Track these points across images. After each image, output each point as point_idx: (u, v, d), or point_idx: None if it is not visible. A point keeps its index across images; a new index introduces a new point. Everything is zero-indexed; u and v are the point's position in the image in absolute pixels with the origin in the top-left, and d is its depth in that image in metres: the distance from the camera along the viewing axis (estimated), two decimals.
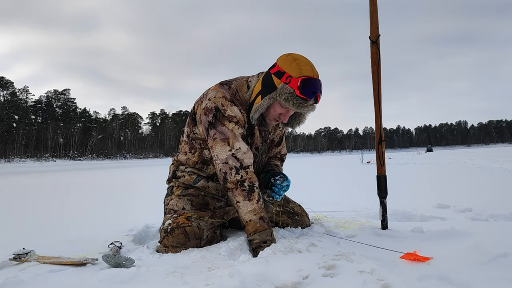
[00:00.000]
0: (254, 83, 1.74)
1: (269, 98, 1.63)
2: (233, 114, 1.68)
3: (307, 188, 5.10)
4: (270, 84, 1.63)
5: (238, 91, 1.74)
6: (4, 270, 1.40)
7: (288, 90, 1.57)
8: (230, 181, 1.67)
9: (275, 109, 1.67)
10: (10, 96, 74.83)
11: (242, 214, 1.68)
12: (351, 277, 1.17)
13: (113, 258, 1.35)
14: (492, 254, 1.37)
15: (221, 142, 1.67)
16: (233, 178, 1.66)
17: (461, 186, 4.72)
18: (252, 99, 1.72)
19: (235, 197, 1.67)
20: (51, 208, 3.83)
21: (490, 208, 2.75)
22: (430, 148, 53.29)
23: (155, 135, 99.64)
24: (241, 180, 1.66)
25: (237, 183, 1.66)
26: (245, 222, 1.68)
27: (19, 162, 54.37)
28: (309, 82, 1.56)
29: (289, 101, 1.58)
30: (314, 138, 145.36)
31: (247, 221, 1.67)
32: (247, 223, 1.67)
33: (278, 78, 1.61)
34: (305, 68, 1.58)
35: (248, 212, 1.66)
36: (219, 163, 1.68)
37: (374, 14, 2.01)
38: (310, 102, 1.60)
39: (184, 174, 1.86)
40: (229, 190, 1.69)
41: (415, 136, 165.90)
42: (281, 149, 2.07)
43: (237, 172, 1.66)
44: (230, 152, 1.66)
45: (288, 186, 1.84)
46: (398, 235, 1.84)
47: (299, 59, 1.61)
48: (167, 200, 1.86)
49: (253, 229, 1.66)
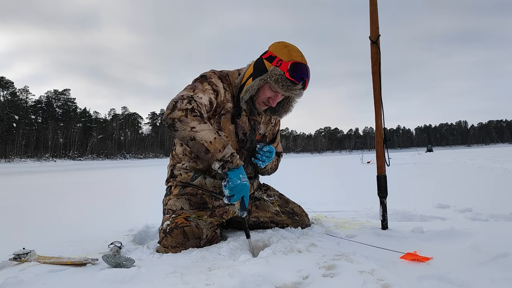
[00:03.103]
0: (245, 69, 1.83)
1: (260, 79, 1.70)
2: (216, 84, 1.75)
3: (307, 188, 5.10)
4: (261, 67, 1.71)
5: (229, 75, 1.85)
6: (4, 270, 1.40)
7: (279, 72, 1.65)
8: (179, 108, 1.54)
9: (265, 92, 1.74)
10: (10, 96, 74.88)
11: (202, 136, 1.52)
12: (351, 277, 1.17)
13: (113, 258, 1.35)
14: (492, 254, 1.37)
15: (188, 88, 1.69)
16: (183, 105, 1.55)
17: (461, 186, 4.72)
18: (243, 81, 1.78)
19: (188, 124, 1.52)
20: (51, 208, 3.83)
21: (490, 208, 2.74)
22: (430, 148, 53.16)
23: (155, 135, 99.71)
24: (191, 108, 1.56)
25: (187, 110, 1.55)
26: (209, 143, 1.52)
27: (19, 162, 54.37)
28: (298, 66, 1.65)
29: (278, 82, 1.65)
30: (314, 138, 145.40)
31: (211, 140, 1.52)
32: (212, 142, 1.52)
33: (270, 62, 1.69)
34: (295, 54, 1.67)
35: (209, 131, 1.54)
36: (175, 98, 1.60)
37: (374, 14, 2.01)
38: (299, 86, 1.68)
39: (181, 173, 1.86)
40: (176, 121, 1.53)
41: (415, 136, 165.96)
42: (276, 146, 2.08)
43: (189, 102, 1.57)
44: (191, 95, 1.62)
45: (271, 153, 1.88)
46: (398, 235, 1.84)
47: (289, 46, 1.71)
48: (166, 200, 1.86)
49: (221, 144, 1.53)
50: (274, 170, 2.09)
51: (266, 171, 2.05)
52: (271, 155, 1.89)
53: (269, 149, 1.88)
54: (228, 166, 1.53)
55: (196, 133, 1.52)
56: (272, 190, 2.12)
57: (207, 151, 1.53)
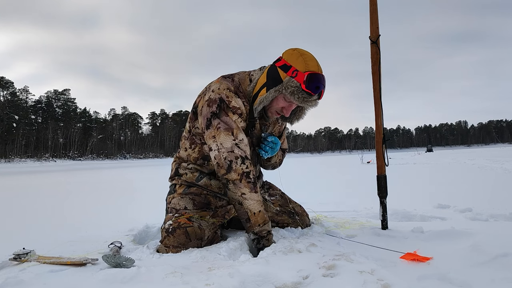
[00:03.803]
0: (257, 76, 1.76)
1: (275, 90, 1.64)
2: (237, 105, 1.69)
3: (307, 188, 5.10)
4: (276, 77, 1.64)
5: (241, 83, 1.76)
6: (4, 270, 1.40)
7: (295, 83, 1.59)
8: (235, 170, 1.61)
9: (278, 103, 1.69)
10: (10, 96, 74.86)
11: (249, 205, 1.62)
12: (351, 277, 1.17)
13: (113, 258, 1.35)
14: (492, 254, 1.37)
15: (225, 131, 1.65)
16: (239, 167, 1.62)
17: (461, 186, 4.72)
18: (255, 91, 1.72)
19: (240, 189, 1.61)
20: (51, 208, 3.83)
21: (490, 208, 2.74)
22: (430, 148, 53.18)
23: (155, 135, 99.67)
24: (247, 172, 1.63)
25: (242, 174, 1.62)
26: (252, 214, 1.62)
27: (19, 162, 54.37)
28: (315, 77, 1.58)
29: (294, 94, 1.60)
30: (314, 138, 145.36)
31: (256, 212, 1.62)
32: (256, 214, 1.62)
33: (284, 71, 1.62)
34: (311, 63, 1.61)
35: (257, 202, 1.63)
36: (223, 151, 1.63)
37: (374, 14, 2.01)
38: (314, 97, 1.63)
39: (187, 172, 1.85)
40: (230, 182, 1.62)
41: (415, 136, 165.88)
42: (282, 142, 2.06)
43: (243, 162, 1.63)
44: (234, 142, 1.64)
45: (276, 144, 1.85)
46: (398, 235, 1.84)
47: (305, 54, 1.64)
48: (169, 199, 1.85)
49: (263, 220, 1.63)
50: (278, 165, 2.05)
51: (269, 165, 2.01)
52: (275, 146, 1.85)
53: (273, 139, 1.84)
54: (263, 242, 1.62)
55: (245, 200, 1.62)
56: (274, 188, 2.12)
57: (248, 220, 1.63)
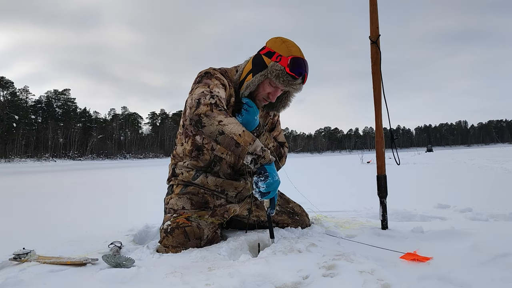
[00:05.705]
0: (243, 65, 1.83)
1: (260, 75, 1.71)
2: (221, 78, 1.76)
3: (307, 188, 5.09)
4: (260, 63, 1.72)
5: (227, 72, 1.85)
6: (4, 270, 1.40)
7: (279, 67, 1.66)
8: (204, 103, 1.52)
9: (265, 88, 1.75)
10: (10, 96, 74.88)
11: (231, 129, 1.48)
12: (351, 277, 1.17)
13: (113, 258, 1.35)
14: (492, 254, 1.37)
15: (202, 86, 1.65)
16: (207, 100, 1.53)
17: (461, 186, 4.72)
18: (242, 78, 1.80)
19: (214, 117, 1.49)
20: (51, 208, 3.82)
21: (490, 208, 2.74)
22: (430, 148, 53.14)
23: (155, 135, 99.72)
24: (215, 102, 1.54)
25: (211, 104, 1.52)
26: (238, 136, 1.47)
27: (19, 162, 54.38)
28: (298, 61, 1.67)
29: (279, 77, 1.67)
30: (314, 138, 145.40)
31: (240, 133, 1.48)
32: (242, 135, 1.48)
33: (269, 57, 1.70)
34: (293, 49, 1.69)
35: (237, 124, 1.50)
36: (195, 97, 1.56)
37: (374, 14, 2.01)
38: (298, 81, 1.70)
39: (183, 171, 1.87)
40: (202, 116, 1.50)
41: (415, 136, 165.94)
42: (278, 136, 2.06)
43: (211, 97, 1.56)
44: (208, 89, 1.61)
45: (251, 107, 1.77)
46: (398, 235, 1.84)
47: (287, 41, 1.73)
48: (167, 199, 1.86)
49: (251, 137, 1.49)
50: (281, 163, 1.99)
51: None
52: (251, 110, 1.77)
53: (247, 101, 1.77)
54: (261, 161, 1.49)
55: (225, 127, 1.48)
56: None
57: (238, 145, 1.48)
